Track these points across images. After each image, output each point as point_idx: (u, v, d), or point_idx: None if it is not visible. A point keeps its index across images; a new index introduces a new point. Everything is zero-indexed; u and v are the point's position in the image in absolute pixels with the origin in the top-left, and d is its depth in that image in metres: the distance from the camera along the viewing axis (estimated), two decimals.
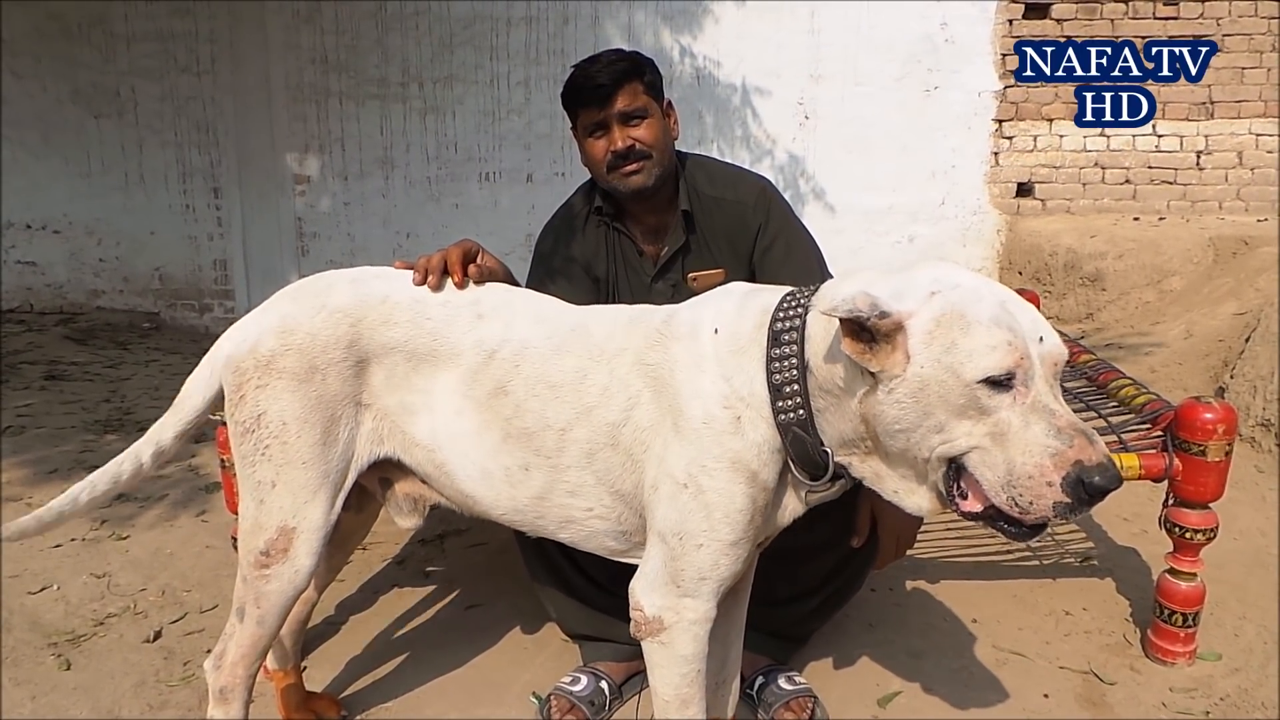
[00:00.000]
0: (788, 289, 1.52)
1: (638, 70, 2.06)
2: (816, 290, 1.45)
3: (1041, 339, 1.25)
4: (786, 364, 1.39)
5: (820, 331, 1.37)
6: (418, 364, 1.63)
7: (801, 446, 1.41)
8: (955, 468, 1.31)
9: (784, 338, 1.40)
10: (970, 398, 1.23)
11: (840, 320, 1.26)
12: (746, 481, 1.45)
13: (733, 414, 1.44)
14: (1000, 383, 1.22)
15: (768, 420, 1.43)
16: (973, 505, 1.30)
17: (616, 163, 2.05)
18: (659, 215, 2.16)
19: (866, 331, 1.26)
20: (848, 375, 1.34)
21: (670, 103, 2.16)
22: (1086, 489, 1.20)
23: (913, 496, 1.39)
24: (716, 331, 1.50)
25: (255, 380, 1.60)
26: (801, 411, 1.39)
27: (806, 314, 1.41)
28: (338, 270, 1.76)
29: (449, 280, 1.72)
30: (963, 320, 1.24)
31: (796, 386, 1.39)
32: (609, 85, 2.01)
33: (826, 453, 1.41)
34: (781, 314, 1.43)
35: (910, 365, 1.25)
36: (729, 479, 1.45)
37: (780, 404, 1.40)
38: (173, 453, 1.75)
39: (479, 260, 1.77)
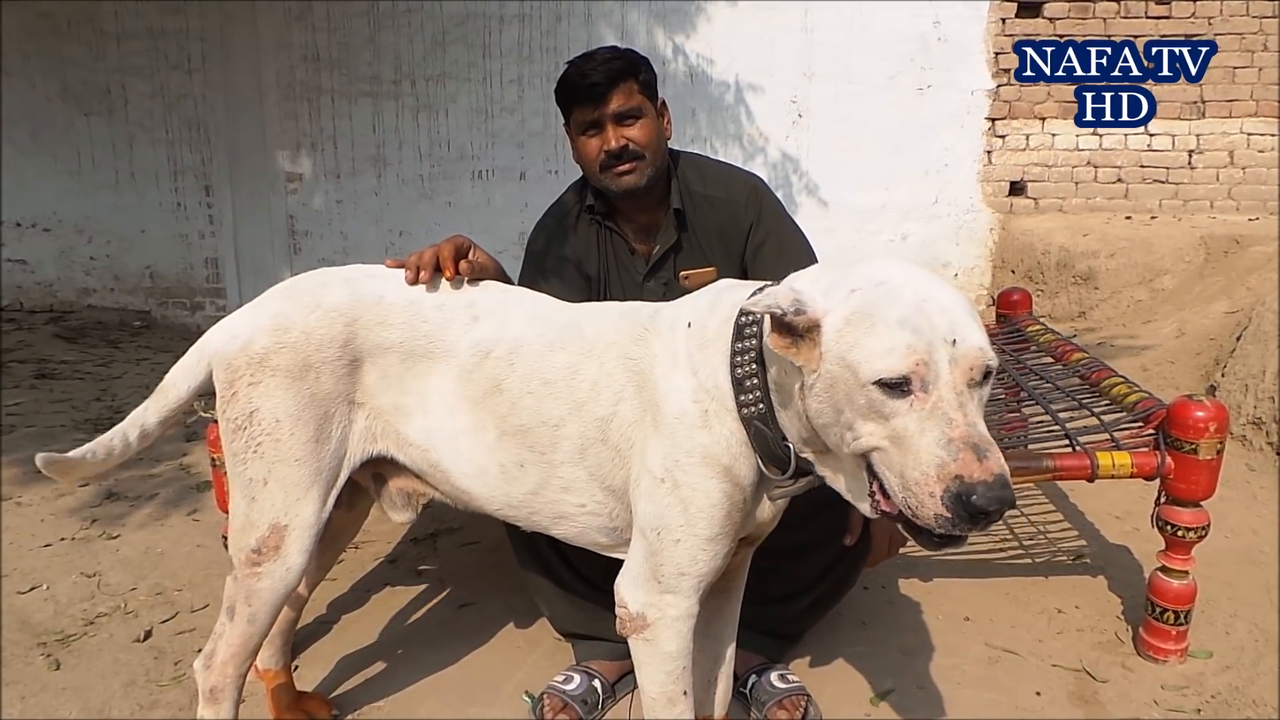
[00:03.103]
0: (761, 284, 1.52)
1: (633, 69, 2.04)
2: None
3: (955, 341, 1.20)
4: (747, 358, 1.40)
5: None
6: (412, 365, 1.63)
7: (763, 440, 1.42)
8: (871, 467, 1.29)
9: (746, 332, 1.41)
10: (868, 398, 1.21)
11: (770, 316, 1.27)
12: (720, 476, 1.46)
13: (700, 408, 1.45)
14: (895, 386, 1.19)
15: (733, 414, 1.43)
16: (890, 506, 1.27)
17: (610, 162, 2.04)
18: (650, 214, 2.15)
19: (792, 327, 1.27)
20: (790, 370, 1.34)
21: (664, 101, 2.15)
22: (965, 506, 1.15)
23: (863, 500, 1.36)
24: (690, 326, 1.51)
25: (248, 377, 1.60)
26: (761, 405, 1.40)
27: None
28: (330, 269, 1.76)
29: (443, 279, 1.71)
30: (869, 320, 1.22)
31: (756, 380, 1.40)
32: (604, 84, 2.00)
33: (787, 447, 1.41)
34: (749, 308, 1.42)
35: (823, 363, 1.25)
36: (702, 474, 1.45)
37: (742, 397, 1.41)
38: (155, 437, 1.75)
39: (470, 255, 1.76)
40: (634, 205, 2.13)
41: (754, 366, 1.39)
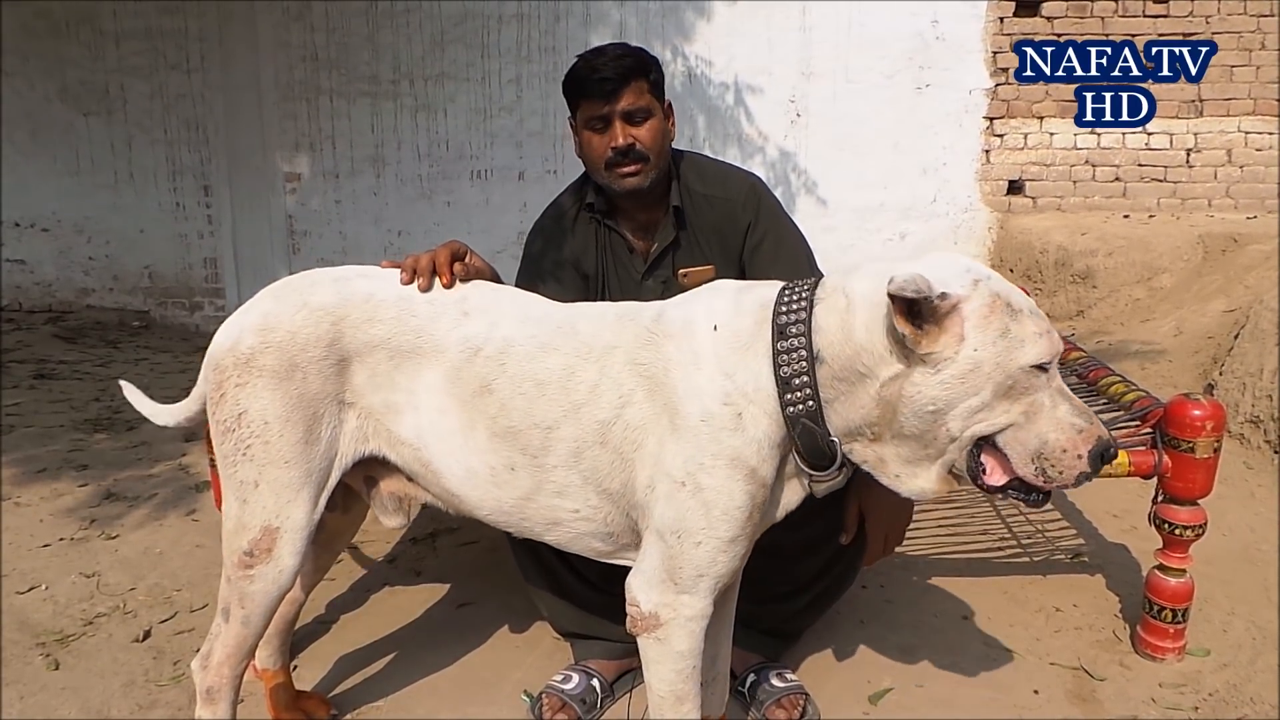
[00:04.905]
0: (779, 284, 1.53)
1: (644, 68, 2.03)
2: (817, 283, 1.47)
3: (1050, 329, 1.37)
4: (795, 356, 1.41)
5: (835, 321, 1.40)
6: (401, 362, 1.62)
7: (810, 438, 1.43)
8: (976, 445, 1.39)
9: (790, 330, 1.42)
10: (1017, 380, 1.32)
11: (895, 300, 1.29)
12: (745, 478, 1.46)
13: (733, 410, 1.45)
14: (1042, 367, 1.33)
15: (771, 415, 1.44)
16: (996, 478, 1.39)
17: (616, 160, 2.02)
18: (649, 212, 2.15)
19: (915, 314, 1.30)
20: (872, 360, 1.37)
21: (670, 103, 2.15)
22: (1102, 460, 1.36)
23: (914, 480, 1.44)
24: (716, 329, 1.50)
25: (235, 378, 1.59)
26: (811, 403, 1.41)
27: (812, 306, 1.43)
28: (323, 269, 1.75)
29: (437, 280, 1.71)
30: (1010, 308, 1.33)
31: (806, 378, 1.41)
32: (616, 81, 1.98)
33: (834, 442, 1.44)
34: (784, 308, 1.45)
35: (963, 348, 1.31)
36: (727, 476, 1.45)
37: (789, 396, 1.42)
38: (197, 423, 1.82)
39: (466, 260, 1.76)
40: (634, 203, 2.13)
41: (803, 364, 1.41)
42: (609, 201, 2.15)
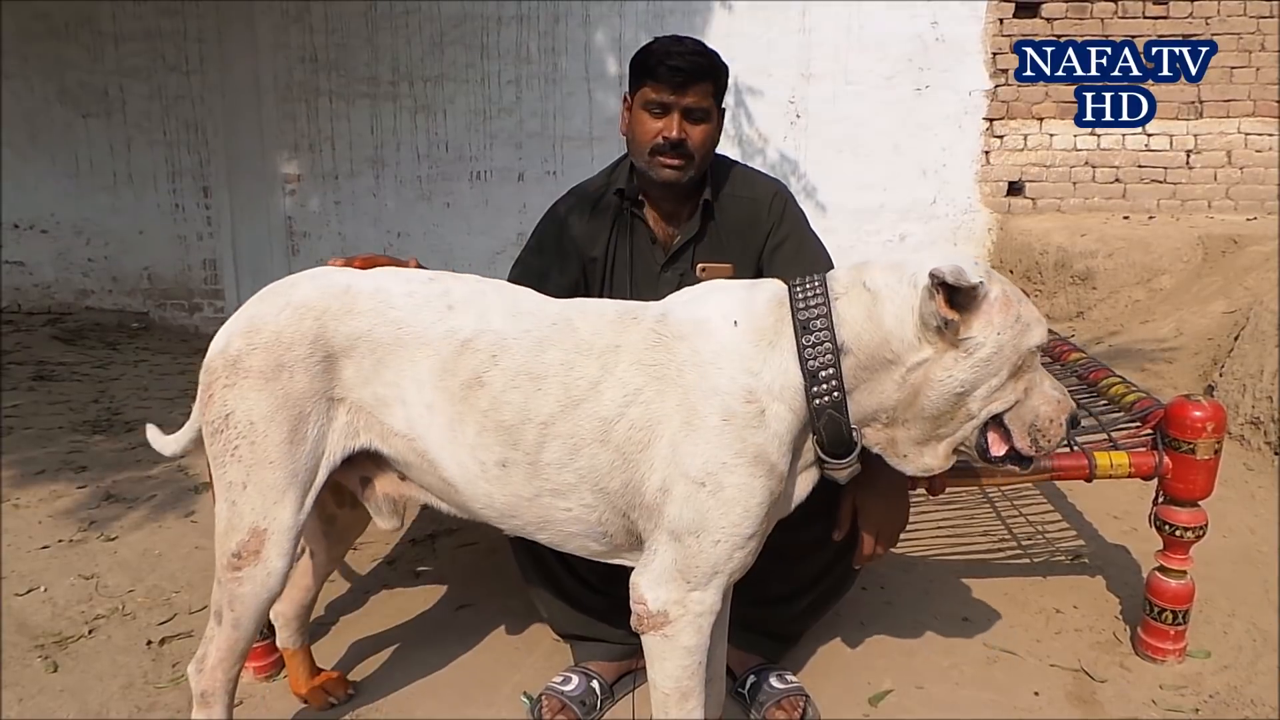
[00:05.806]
0: (780, 281, 1.58)
1: (715, 71, 2.06)
2: (826, 278, 1.53)
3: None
4: (821, 349, 1.46)
5: (859, 313, 1.47)
6: (384, 356, 1.60)
7: (836, 428, 1.49)
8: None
9: (814, 325, 1.47)
10: (1025, 359, 1.46)
11: (942, 288, 1.38)
12: (766, 474, 1.48)
13: (756, 408, 1.47)
14: (1041, 347, 1.47)
15: (794, 410, 1.48)
16: (998, 449, 1.52)
17: (663, 148, 2.03)
18: (677, 204, 2.16)
19: (953, 302, 1.40)
20: (901, 346, 1.45)
21: (724, 111, 2.17)
22: (1073, 425, 1.53)
23: (921, 458, 1.54)
24: (736, 324, 1.52)
25: (223, 380, 1.60)
26: (837, 394, 1.46)
27: (830, 300, 1.49)
28: (307, 270, 1.75)
29: (414, 272, 1.74)
30: (1016, 295, 1.46)
31: (832, 370, 1.46)
32: (688, 74, 2.00)
33: (854, 429, 1.51)
34: (802, 303, 1.49)
35: (990, 331, 1.42)
36: (749, 473, 1.47)
37: (816, 389, 1.47)
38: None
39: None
40: (664, 194, 2.14)
41: (830, 357, 1.46)
42: (640, 189, 2.15)
